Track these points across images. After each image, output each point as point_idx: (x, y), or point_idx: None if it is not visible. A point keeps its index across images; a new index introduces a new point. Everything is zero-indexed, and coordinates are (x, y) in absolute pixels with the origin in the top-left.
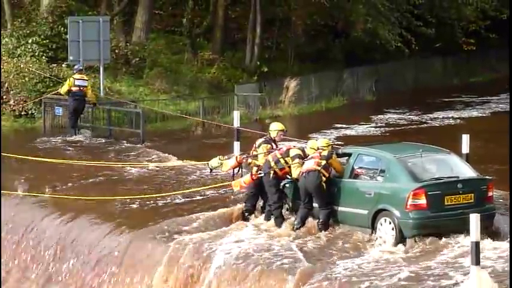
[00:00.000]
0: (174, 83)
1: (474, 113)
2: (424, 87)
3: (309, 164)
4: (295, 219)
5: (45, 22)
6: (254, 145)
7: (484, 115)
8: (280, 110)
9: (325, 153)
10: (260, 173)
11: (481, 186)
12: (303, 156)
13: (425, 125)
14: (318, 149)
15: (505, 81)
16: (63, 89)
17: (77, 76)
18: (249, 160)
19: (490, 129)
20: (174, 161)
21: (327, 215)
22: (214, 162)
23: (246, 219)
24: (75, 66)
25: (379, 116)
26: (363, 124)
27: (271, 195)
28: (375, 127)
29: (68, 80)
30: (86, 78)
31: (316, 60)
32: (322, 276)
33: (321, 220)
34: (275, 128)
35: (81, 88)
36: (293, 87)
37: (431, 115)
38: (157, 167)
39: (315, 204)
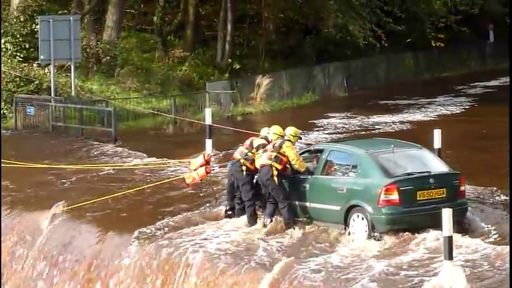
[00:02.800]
0: (145, 81)
1: (418, 116)
2: (395, 83)
3: (262, 159)
4: (264, 216)
5: (17, 22)
6: (248, 142)
7: (431, 118)
8: (252, 107)
9: (278, 143)
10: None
11: (453, 180)
12: (267, 145)
13: (377, 131)
14: (283, 136)
15: (476, 76)
16: None
17: None
18: (238, 157)
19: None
20: (148, 159)
21: (287, 211)
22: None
23: (228, 216)
24: None
25: (321, 120)
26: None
27: (245, 193)
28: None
29: None
30: None
31: (287, 57)
32: (294, 273)
33: (284, 220)
34: (274, 131)
35: None
36: (265, 84)
37: (375, 119)
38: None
39: None
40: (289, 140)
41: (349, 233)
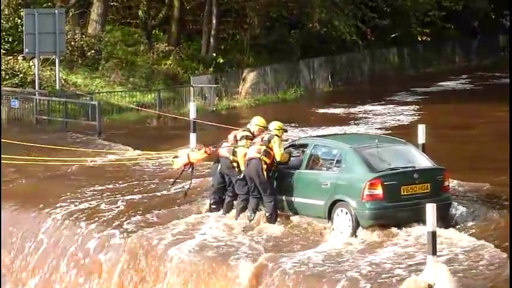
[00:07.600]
0: (130, 75)
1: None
2: (380, 78)
3: (251, 152)
4: (248, 210)
5: (1, 15)
6: (231, 138)
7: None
8: (237, 101)
9: (266, 137)
10: (213, 148)
11: (437, 176)
12: (251, 137)
13: None
14: (265, 128)
15: (460, 71)
16: None
17: None
18: (226, 154)
19: None
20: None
21: (272, 207)
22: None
23: (212, 211)
24: None
25: None
26: None
27: (241, 188)
28: None
29: None
30: None
31: (272, 52)
32: (277, 267)
33: (267, 214)
34: (256, 122)
35: None
36: (251, 78)
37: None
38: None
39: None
40: (277, 135)
41: (333, 228)
